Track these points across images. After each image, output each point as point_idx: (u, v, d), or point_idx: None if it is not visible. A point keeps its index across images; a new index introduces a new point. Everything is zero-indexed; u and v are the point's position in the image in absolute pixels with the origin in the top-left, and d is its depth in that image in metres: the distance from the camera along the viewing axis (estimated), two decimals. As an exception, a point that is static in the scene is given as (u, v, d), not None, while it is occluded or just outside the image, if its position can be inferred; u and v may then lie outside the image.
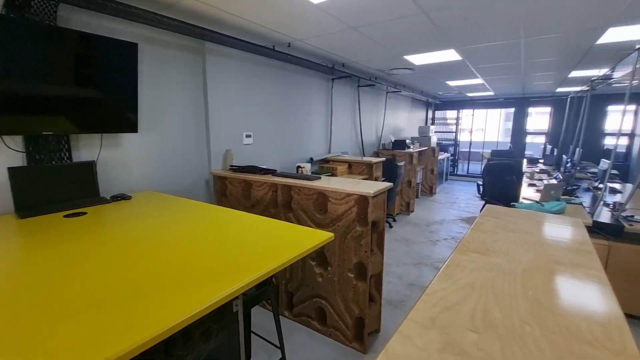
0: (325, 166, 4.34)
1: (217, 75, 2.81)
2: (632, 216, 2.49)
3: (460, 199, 6.86)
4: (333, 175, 4.14)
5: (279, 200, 2.42)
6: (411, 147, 6.24)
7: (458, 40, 3.07)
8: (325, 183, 2.20)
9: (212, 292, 0.85)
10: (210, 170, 2.86)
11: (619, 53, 3.30)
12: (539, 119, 8.88)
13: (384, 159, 4.50)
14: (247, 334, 1.55)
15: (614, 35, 2.70)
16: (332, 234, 1.32)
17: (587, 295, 0.72)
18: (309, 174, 3.71)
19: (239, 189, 2.71)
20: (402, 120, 7.54)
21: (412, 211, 5.76)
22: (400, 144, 5.95)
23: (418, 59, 3.92)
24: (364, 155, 5.57)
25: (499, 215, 1.35)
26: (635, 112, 6.95)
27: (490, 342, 0.53)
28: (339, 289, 2.18)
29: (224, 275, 0.96)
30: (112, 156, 2.19)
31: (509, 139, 9.00)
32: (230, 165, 2.91)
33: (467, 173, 9.67)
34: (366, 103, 5.63)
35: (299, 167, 3.65)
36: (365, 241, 2.01)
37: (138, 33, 2.25)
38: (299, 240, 1.29)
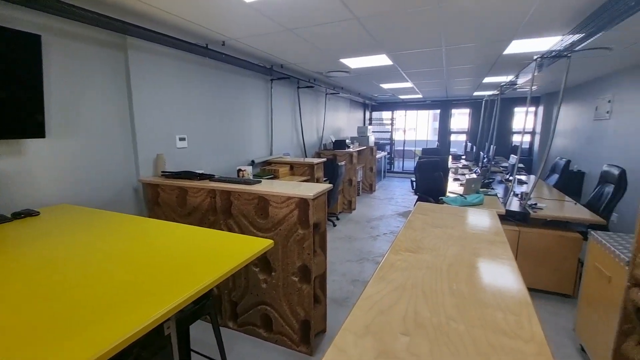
0: (267, 168, 4.27)
1: (143, 73, 2.58)
2: (535, 204, 2.89)
3: (397, 195, 7.30)
4: (275, 177, 4.09)
5: (218, 207, 2.31)
6: (351, 146, 6.45)
7: (388, 46, 3.25)
8: (265, 187, 2.16)
9: (138, 319, 0.77)
10: (138, 177, 2.61)
11: (521, 62, 3.81)
12: (461, 119, 9.87)
13: (325, 159, 4.58)
14: (184, 353, 1.45)
15: (517, 47, 3.11)
16: (271, 241, 1.29)
17: (502, 285, 0.80)
18: (250, 177, 3.62)
19: (173, 196, 2.52)
20: (341, 121, 7.76)
21: (354, 209, 5.96)
22: (340, 144, 6.11)
23: (353, 63, 4.06)
24: (306, 156, 5.61)
25: (427, 212, 1.46)
26: (535, 113, 8.13)
27: (420, 343, 0.57)
28: (284, 293, 2.16)
29: (153, 297, 0.88)
30: (13, 166, 1.87)
31: (437, 138, 9.84)
32: (162, 171, 2.69)
33: (403, 170, 10.35)
34: (306, 104, 5.67)
35: (239, 170, 3.53)
36: (307, 243, 2.01)
37: (44, 24, 1.95)
38: (237, 249, 1.23)
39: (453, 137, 9.56)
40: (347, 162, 5.82)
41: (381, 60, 3.85)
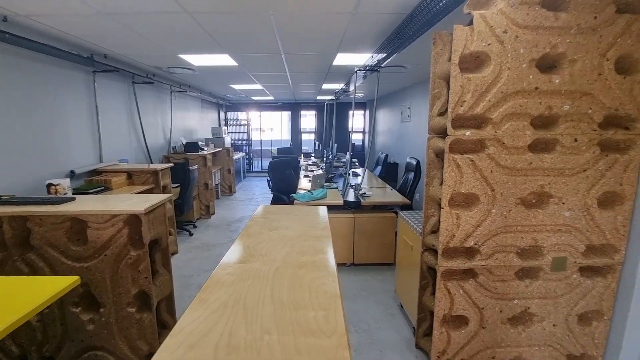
0: (95, 179, 3.52)
1: None
2: (364, 193, 3.45)
3: (257, 194, 7.37)
4: (107, 189, 3.42)
5: (8, 239, 1.74)
6: (205, 149, 6.11)
7: (230, 47, 3.18)
8: (80, 205, 1.76)
9: None
10: None
11: (347, 73, 4.44)
12: (310, 120, 10.78)
13: (171, 164, 4.14)
14: None
15: (342, 59, 3.59)
16: (76, 278, 1.05)
17: (319, 282, 0.89)
18: (68, 192, 2.91)
19: None
20: (193, 121, 7.19)
21: (213, 213, 5.69)
22: (192, 146, 5.71)
23: (196, 60, 3.80)
24: (151, 162, 4.93)
25: (266, 214, 1.50)
26: (364, 115, 9.71)
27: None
28: (119, 329, 1.82)
29: None
30: None
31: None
32: None
33: (262, 169, 10.52)
34: (147, 102, 4.96)
35: (50, 185, 2.79)
36: (144, 266, 1.76)
37: None
38: (22, 298, 0.94)
39: (305, 137, 10.36)
40: (200, 165, 5.47)
41: (225, 60, 3.74)
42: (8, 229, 1.72)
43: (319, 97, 8.15)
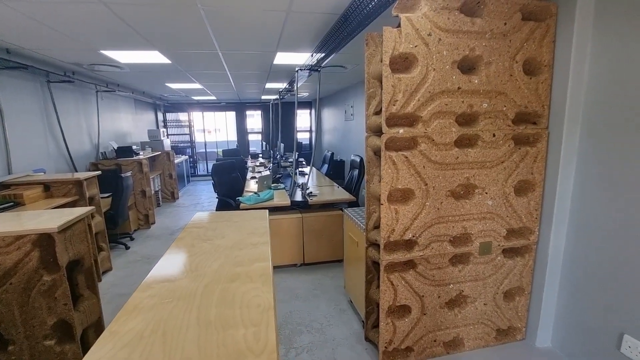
0: (2, 194, 3.04)
1: None
2: (311, 192, 3.45)
3: (204, 199, 7.03)
4: (18, 204, 3.00)
5: None
6: (141, 153, 5.64)
7: (159, 43, 2.95)
8: (-25, 230, 1.49)
9: None
10: None
11: (289, 72, 4.39)
12: (257, 120, 10.53)
13: (99, 172, 3.74)
14: None
15: (282, 58, 3.54)
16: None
17: (252, 294, 0.84)
18: (-37, 212, 2.48)
19: None
20: (125, 124, 6.58)
21: (154, 223, 5.29)
22: (125, 151, 5.23)
23: (121, 57, 3.46)
24: (76, 170, 4.42)
25: (202, 223, 1.42)
26: (310, 114, 9.76)
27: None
28: (35, 366, 1.59)
29: None
30: None
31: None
32: None
33: (208, 172, 10.03)
34: (68, 104, 4.42)
35: (-61, 204, 2.35)
36: (61, 291, 1.55)
37: None
38: None
39: (252, 137, 10.10)
40: (136, 171, 5.03)
41: (155, 57, 3.47)
42: None
43: (264, 97, 7.99)
